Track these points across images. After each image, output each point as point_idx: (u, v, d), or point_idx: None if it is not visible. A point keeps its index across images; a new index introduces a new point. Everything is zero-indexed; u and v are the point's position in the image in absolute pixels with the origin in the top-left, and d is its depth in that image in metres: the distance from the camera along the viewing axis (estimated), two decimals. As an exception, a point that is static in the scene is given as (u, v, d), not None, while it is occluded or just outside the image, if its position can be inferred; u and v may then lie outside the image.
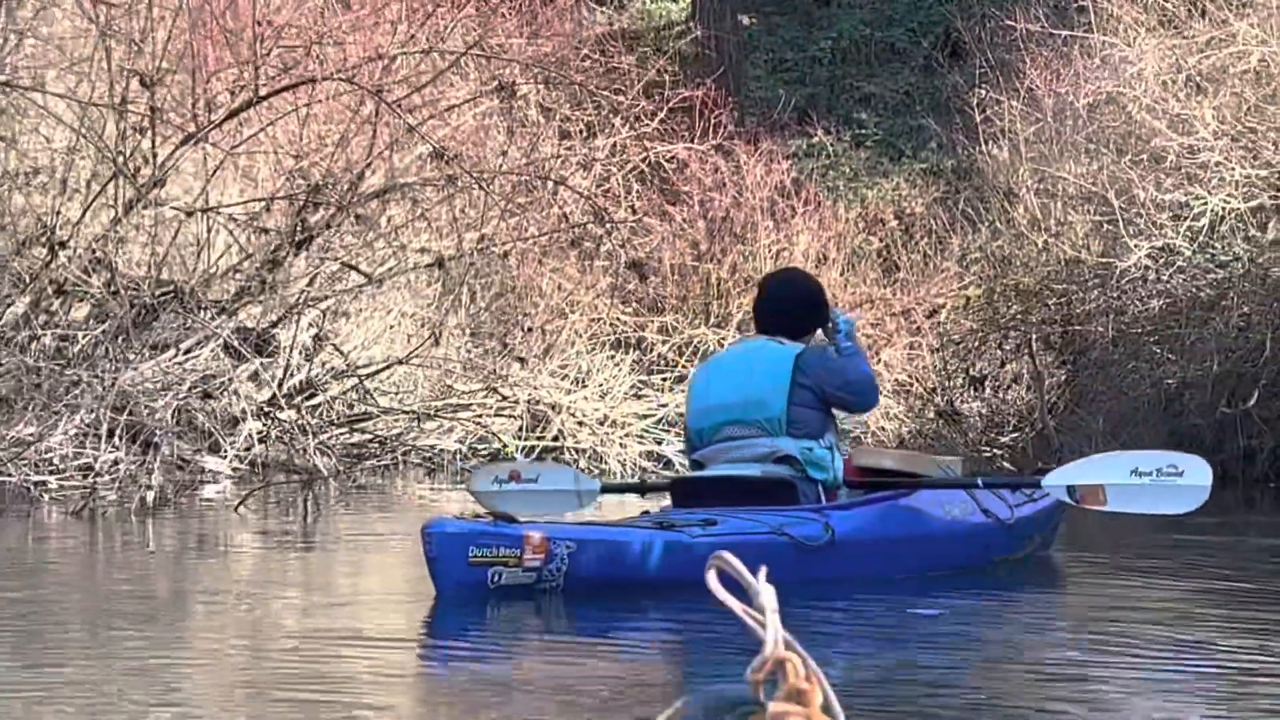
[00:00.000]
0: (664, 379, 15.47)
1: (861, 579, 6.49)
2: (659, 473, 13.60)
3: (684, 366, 15.69)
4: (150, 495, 10.68)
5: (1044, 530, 7.64)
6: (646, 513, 6.94)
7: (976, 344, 17.25)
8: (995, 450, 15.86)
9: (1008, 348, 17.09)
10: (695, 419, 6.92)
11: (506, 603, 5.93)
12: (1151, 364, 14.13)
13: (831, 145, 22.27)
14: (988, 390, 17.19)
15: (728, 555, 1.87)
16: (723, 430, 6.81)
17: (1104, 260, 14.54)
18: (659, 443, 14.61)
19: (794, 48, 25.09)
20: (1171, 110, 13.84)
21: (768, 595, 1.81)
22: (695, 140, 15.87)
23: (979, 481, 7.23)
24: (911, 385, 17.00)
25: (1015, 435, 16.13)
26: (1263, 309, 13.35)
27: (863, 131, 23.18)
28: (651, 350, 16.44)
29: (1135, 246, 13.72)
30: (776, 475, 6.68)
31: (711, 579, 1.86)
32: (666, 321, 16.64)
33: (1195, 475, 6.64)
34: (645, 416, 14.84)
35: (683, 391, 14.97)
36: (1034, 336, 15.89)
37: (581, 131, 15.90)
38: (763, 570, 1.89)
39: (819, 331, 7.09)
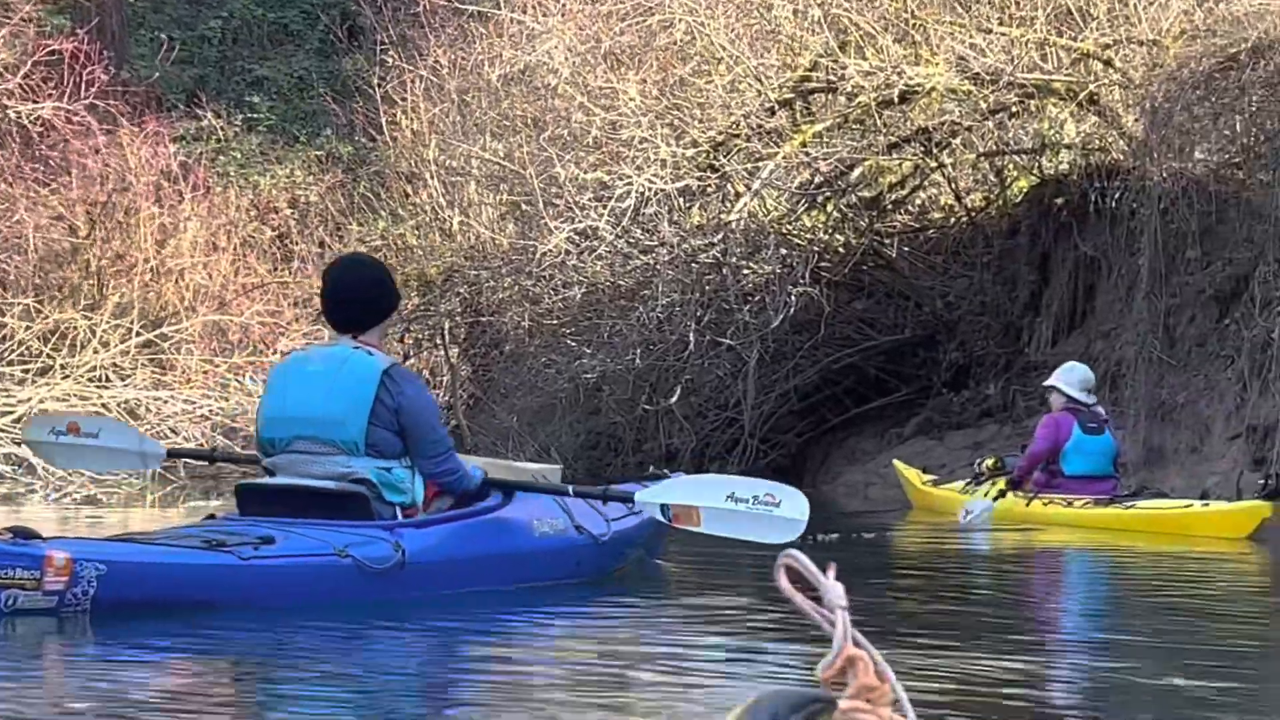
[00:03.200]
0: (26, 370, 13.61)
1: (438, 597, 6.28)
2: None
3: (49, 356, 13.90)
4: None
5: (647, 542, 7.47)
6: (212, 516, 6.66)
7: (378, 337, 16.19)
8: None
9: (409, 341, 16.18)
10: (268, 428, 6.51)
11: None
12: (569, 357, 13.31)
13: (222, 129, 21.04)
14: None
15: (798, 555, 1.85)
16: (296, 443, 6.42)
17: (520, 244, 13.57)
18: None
19: (181, 26, 24.14)
20: (591, 85, 13.01)
21: (836, 593, 1.84)
22: (66, 99, 14.12)
23: (570, 489, 7.03)
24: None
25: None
26: (686, 298, 12.70)
27: (255, 115, 22.37)
28: (11, 338, 14.55)
29: (555, 229, 12.77)
30: (351, 489, 6.32)
31: (781, 579, 1.88)
32: (29, 304, 14.75)
33: (791, 508, 6.48)
34: (2, 414, 13.01)
35: (46, 385, 13.31)
36: (446, 328, 14.86)
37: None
38: (831, 567, 1.89)
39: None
